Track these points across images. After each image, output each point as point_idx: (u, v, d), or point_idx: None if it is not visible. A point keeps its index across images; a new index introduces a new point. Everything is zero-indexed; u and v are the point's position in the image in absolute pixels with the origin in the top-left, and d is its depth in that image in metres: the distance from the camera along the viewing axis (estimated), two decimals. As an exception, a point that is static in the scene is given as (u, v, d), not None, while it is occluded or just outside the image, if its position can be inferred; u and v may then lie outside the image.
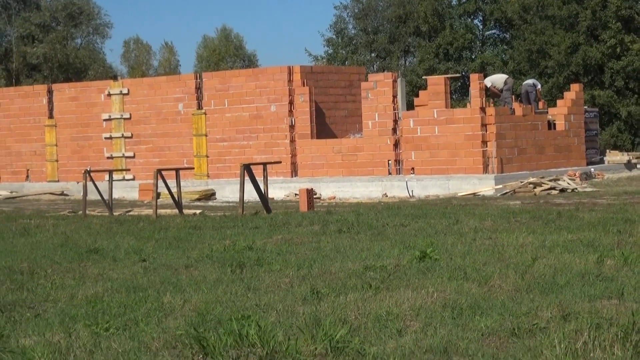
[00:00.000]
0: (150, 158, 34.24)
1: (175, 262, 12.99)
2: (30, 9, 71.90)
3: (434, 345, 7.27)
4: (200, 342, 7.38)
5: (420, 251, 12.27)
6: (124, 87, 36.01)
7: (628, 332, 7.14)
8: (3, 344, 7.92)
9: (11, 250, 15.52)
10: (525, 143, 29.88)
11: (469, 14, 60.96)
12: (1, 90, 41.63)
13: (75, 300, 10.05)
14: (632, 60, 54.68)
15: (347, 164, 30.67)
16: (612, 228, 14.86)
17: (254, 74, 34.38)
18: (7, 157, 38.83)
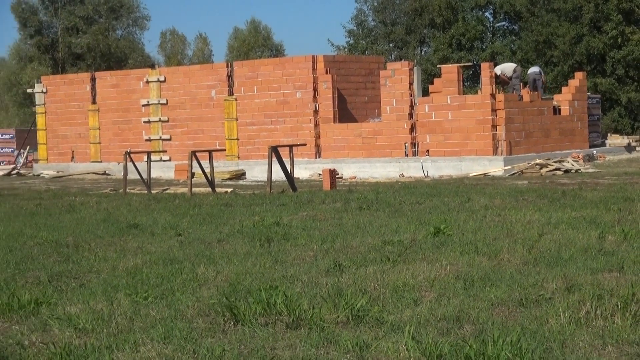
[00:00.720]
0: (185, 140, 34.30)
1: (208, 237, 13.02)
2: (75, 3, 72.01)
3: (447, 314, 7.27)
4: (232, 310, 7.40)
5: (434, 227, 12.26)
6: (161, 75, 36.07)
7: (627, 302, 7.12)
8: (51, 311, 7.96)
9: (58, 225, 15.58)
10: (532, 127, 29.80)
11: (480, 7, 60.65)
12: (48, 78, 41.68)
13: (117, 272, 10.09)
14: (632, 50, 54.51)
15: (367, 146, 30.65)
16: (612, 206, 14.81)
17: (280, 62, 34.33)
18: (54, 139, 38.99)
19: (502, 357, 5.88)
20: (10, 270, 10.51)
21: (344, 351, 6.32)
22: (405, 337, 6.45)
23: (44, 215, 17.86)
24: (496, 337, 6.25)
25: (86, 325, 7.32)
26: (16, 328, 7.46)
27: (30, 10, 72.79)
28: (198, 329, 7.13)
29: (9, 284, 9.31)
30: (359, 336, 6.65)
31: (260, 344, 6.57)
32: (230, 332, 6.99)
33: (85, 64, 68.44)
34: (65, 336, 7.03)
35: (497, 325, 6.82)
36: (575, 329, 6.67)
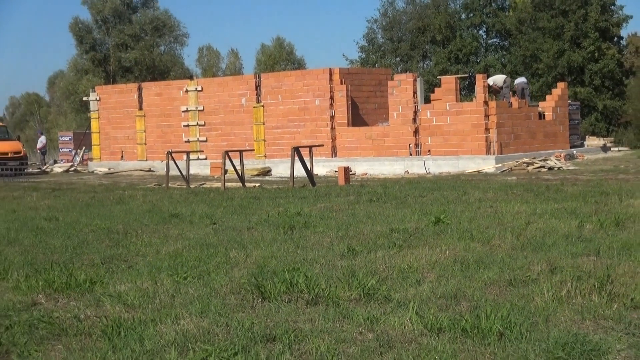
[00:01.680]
0: (219, 142, 34.37)
1: (239, 225, 13.04)
2: (124, 22, 72.20)
3: (446, 292, 7.27)
4: (259, 288, 7.42)
5: (435, 217, 12.25)
6: (198, 85, 36.17)
7: (603, 283, 7.11)
8: (103, 289, 8.00)
9: (109, 215, 15.65)
10: (520, 130, 29.78)
11: (475, 26, 60.58)
12: (101, 87, 41.83)
13: (160, 255, 10.13)
14: (607, 63, 54.63)
15: (376, 147, 30.68)
16: (590, 199, 14.77)
17: (302, 74, 34.35)
18: (106, 140, 39.16)
19: (494, 330, 5.88)
20: (69, 253, 10.57)
21: (357, 324, 6.33)
22: (410, 312, 6.46)
23: (97, 206, 17.94)
24: (489, 312, 6.25)
25: (134, 302, 7.36)
26: (74, 304, 7.50)
27: (86, 29, 73.04)
28: (230, 304, 7.15)
29: (68, 265, 9.36)
30: (369, 311, 6.66)
31: (284, 318, 6.59)
32: (258, 308, 7.01)
33: (133, 76, 68.61)
34: (116, 311, 7.07)
35: (489, 302, 6.82)
36: (558, 306, 6.66)
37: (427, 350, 5.62)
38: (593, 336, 5.81)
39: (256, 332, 6.15)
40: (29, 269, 9.18)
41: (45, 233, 12.88)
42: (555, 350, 5.48)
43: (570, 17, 54.80)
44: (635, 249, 8.96)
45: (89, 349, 6.01)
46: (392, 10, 63.11)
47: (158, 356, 5.72)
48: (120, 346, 6.00)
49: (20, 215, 16.16)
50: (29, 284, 8.27)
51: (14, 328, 6.62)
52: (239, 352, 5.67)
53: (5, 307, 7.37)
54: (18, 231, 13.22)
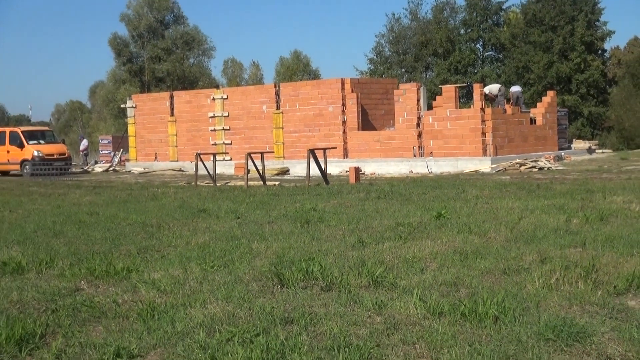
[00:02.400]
0: (242, 144, 34.42)
1: (260, 219, 13.06)
2: (157, 37, 72.42)
3: (446, 280, 7.26)
4: (279, 276, 7.43)
5: (436, 212, 12.23)
6: (224, 94, 36.23)
7: (589, 271, 7.10)
8: (139, 277, 8.03)
9: (144, 210, 15.70)
10: (513, 134, 29.70)
11: (473, 40, 60.42)
12: (137, 96, 41.97)
13: (190, 246, 10.15)
14: (592, 74, 54.67)
15: (383, 149, 30.67)
16: (577, 196, 14.71)
17: (316, 84, 34.34)
18: (141, 143, 39.29)
19: (490, 314, 5.88)
20: (108, 244, 10.61)
21: (366, 309, 6.33)
22: (414, 297, 6.46)
23: (133, 202, 18.00)
24: (485, 298, 6.24)
25: (166, 288, 7.39)
26: (112, 289, 7.54)
27: (123, 44, 73.32)
28: (252, 291, 7.16)
29: (107, 255, 9.40)
30: (377, 297, 6.66)
31: (301, 303, 6.60)
32: (277, 294, 7.02)
33: (165, 85, 68.79)
34: (150, 296, 7.09)
35: (485, 289, 6.81)
36: (547, 293, 6.65)
37: (430, 332, 5.63)
38: (579, 320, 5.79)
39: (276, 315, 6.16)
40: (73, 258, 9.23)
41: (87, 226, 12.94)
42: (546, 332, 5.47)
43: (558, 32, 54.76)
44: (618, 241, 8.92)
45: (126, 330, 6.04)
46: (397, 26, 63.05)
47: (188, 337, 5.74)
48: (154, 328, 6.02)
49: (65, 210, 16.23)
50: (72, 272, 8.31)
51: (60, 311, 6.66)
52: (260, 334, 5.68)
53: (51, 293, 7.41)
54: (63, 224, 13.28)
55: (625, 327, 5.62)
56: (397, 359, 5.16)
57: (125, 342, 5.65)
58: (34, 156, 39.03)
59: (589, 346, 5.27)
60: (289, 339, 5.53)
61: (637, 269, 7.19)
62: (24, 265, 8.78)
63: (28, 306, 6.92)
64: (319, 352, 5.29)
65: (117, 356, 5.40)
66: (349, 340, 5.52)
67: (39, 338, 5.85)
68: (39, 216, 15.08)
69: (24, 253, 9.66)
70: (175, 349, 5.50)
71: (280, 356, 5.22)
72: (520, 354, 5.15)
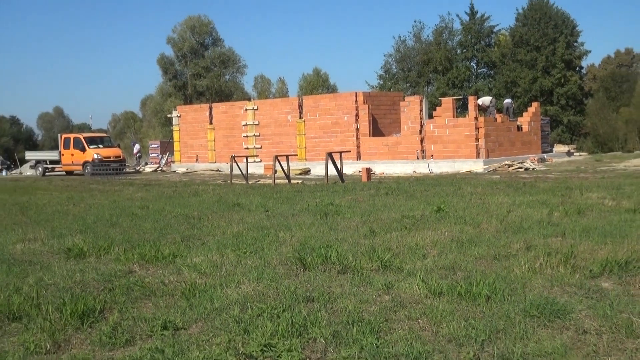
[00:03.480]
0: (270, 148, 34.49)
1: (286, 212, 13.08)
2: (198, 57, 72.54)
3: (445, 265, 7.24)
4: (302, 261, 7.44)
5: (436, 206, 12.21)
6: (254, 105, 36.30)
7: (568, 257, 7.06)
8: (182, 261, 8.06)
9: (187, 204, 15.76)
10: (502, 139, 29.59)
11: (468, 59, 60.20)
12: (181, 107, 42.11)
13: (226, 235, 10.18)
14: (571, 88, 54.66)
15: (391, 152, 30.64)
16: (558, 192, 14.64)
17: (334, 97, 34.35)
18: (185, 147, 39.45)
19: (482, 294, 5.86)
20: (156, 233, 10.67)
21: (376, 289, 6.33)
22: (417, 279, 6.44)
23: (178, 197, 18.09)
24: (478, 280, 6.22)
25: (205, 270, 7.41)
26: (160, 272, 7.57)
27: (169, 63, 73.53)
28: (279, 273, 7.18)
29: (156, 242, 9.44)
30: (386, 279, 6.65)
31: (321, 284, 6.60)
32: (300, 275, 7.03)
33: (205, 98, 68.91)
34: (192, 277, 7.12)
35: (479, 272, 6.79)
36: (532, 276, 6.62)
37: (431, 309, 5.61)
38: (560, 299, 5.77)
39: (299, 294, 6.17)
40: (127, 245, 9.28)
41: (138, 218, 13.01)
42: (531, 309, 5.45)
43: (542, 52, 54.64)
44: (593, 232, 8.86)
45: (172, 306, 6.07)
46: (403, 47, 62.90)
47: (224, 312, 5.76)
48: (195, 304, 6.04)
49: (120, 204, 16.33)
50: (126, 257, 8.36)
51: (115, 290, 6.71)
52: (286, 310, 5.69)
53: (108, 274, 7.46)
54: (118, 216, 13.36)
55: (600, 305, 5.58)
56: (403, 332, 5.15)
57: (171, 317, 5.68)
58: (94, 158, 39.31)
59: (568, 322, 5.25)
60: (311, 315, 5.54)
61: (610, 255, 7.14)
62: (85, 251, 8.85)
63: (89, 286, 6.97)
64: (336, 326, 5.29)
65: (164, 328, 5.42)
66: (361, 315, 5.52)
67: (98, 313, 5.89)
68: (98, 209, 15.19)
69: (85, 240, 9.73)
70: (214, 323, 5.52)
71: (303, 329, 5.22)
72: (509, 328, 5.13)
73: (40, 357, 4.99)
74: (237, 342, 5.01)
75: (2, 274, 7.63)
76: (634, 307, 5.50)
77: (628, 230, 8.92)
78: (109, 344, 5.18)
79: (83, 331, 5.51)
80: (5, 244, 9.86)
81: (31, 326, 5.59)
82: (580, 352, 4.73)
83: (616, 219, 10.03)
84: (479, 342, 4.87)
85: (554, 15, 55.74)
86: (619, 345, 4.81)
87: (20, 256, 8.84)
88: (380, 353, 4.70)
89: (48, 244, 9.80)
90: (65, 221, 12.89)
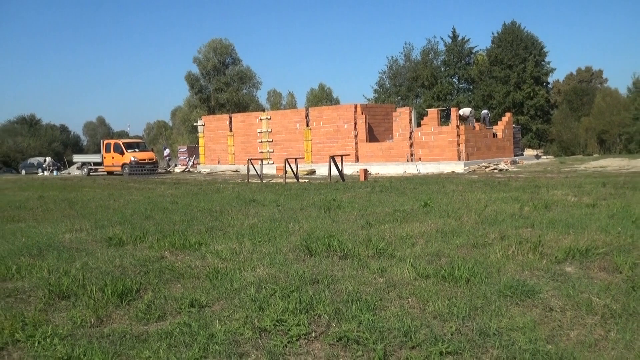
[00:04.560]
0: (281, 152, 34.49)
1: (294, 207, 13.08)
2: (220, 74, 72.57)
3: (431, 252, 7.22)
4: (308, 248, 7.43)
5: (424, 202, 12.19)
6: (268, 116, 36.30)
7: (537, 246, 7.04)
8: (207, 248, 8.06)
9: (210, 200, 15.77)
10: (480, 145, 29.54)
11: (450, 76, 60.18)
12: (206, 117, 42.14)
13: (243, 226, 10.18)
14: (539, 100, 54.81)
15: (384, 155, 30.61)
16: (527, 190, 14.60)
17: (336, 108, 34.33)
18: (208, 151, 39.48)
19: (463, 277, 5.85)
20: (184, 225, 10.67)
21: (372, 272, 6.32)
22: (407, 264, 6.44)
23: (202, 194, 18.10)
24: (459, 265, 6.21)
25: (226, 256, 7.41)
26: (188, 257, 7.58)
27: (195, 79, 73.58)
28: (289, 259, 7.17)
29: (184, 232, 9.45)
30: (380, 264, 6.64)
31: (324, 268, 6.60)
32: (307, 261, 7.03)
33: (225, 109, 68.87)
34: (215, 262, 7.12)
35: (460, 258, 6.77)
36: (506, 261, 6.60)
37: (419, 290, 5.61)
38: (529, 281, 5.75)
39: (306, 277, 6.17)
40: (159, 235, 9.28)
41: (169, 211, 13.02)
42: (504, 290, 5.44)
43: (514, 69, 54.65)
44: (558, 224, 8.83)
45: (198, 287, 6.08)
46: (395, 65, 62.90)
47: (242, 292, 5.76)
48: (217, 285, 6.05)
49: (153, 200, 16.36)
50: (159, 245, 8.37)
51: (149, 273, 6.72)
52: (295, 290, 5.69)
53: (143, 260, 7.47)
54: (152, 210, 13.37)
55: (564, 287, 5.57)
56: (395, 309, 5.15)
57: (197, 296, 5.69)
58: (131, 161, 39.39)
59: (536, 301, 5.23)
60: (316, 294, 5.54)
61: (573, 244, 7.12)
62: (124, 240, 8.86)
63: (127, 269, 6.98)
64: (338, 304, 5.29)
65: (191, 306, 5.43)
66: (359, 295, 5.52)
67: (134, 292, 5.90)
68: (134, 204, 15.21)
69: (123, 231, 9.74)
70: (233, 301, 5.52)
71: (309, 307, 5.22)
72: (485, 306, 5.12)
73: (86, 330, 5.01)
74: (253, 318, 5.01)
75: (53, 259, 7.65)
76: (593, 288, 5.49)
77: (588, 222, 8.90)
78: (144, 319, 5.19)
79: (122, 308, 5.52)
80: (56, 234, 9.89)
81: (78, 304, 5.61)
82: (547, 326, 4.73)
83: (578, 213, 10.01)
84: (460, 318, 4.87)
85: (525, 38, 55.66)
86: (581, 321, 4.81)
87: (69, 244, 8.86)
88: (375, 327, 4.70)
89: (92, 233, 9.82)
90: (107, 214, 12.92)
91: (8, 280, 6.63)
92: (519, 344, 4.39)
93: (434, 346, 4.38)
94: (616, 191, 13.57)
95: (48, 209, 14.55)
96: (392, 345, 4.45)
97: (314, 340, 4.64)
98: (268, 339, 4.66)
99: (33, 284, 6.34)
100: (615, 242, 7.27)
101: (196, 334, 4.75)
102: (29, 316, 5.28)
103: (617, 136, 52.02)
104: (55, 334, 4.86)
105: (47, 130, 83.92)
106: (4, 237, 9.66)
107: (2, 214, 13.77)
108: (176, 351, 4.47)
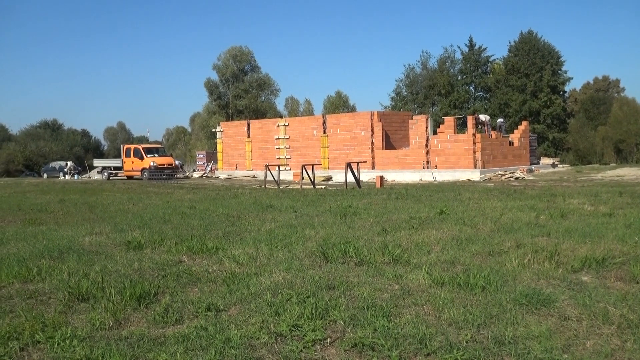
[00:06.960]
0: (298, 159, 34.55)
1: (311, 213, 13.08)
2: (239, 81, 72.95)
3: (447, 259, 7.19)
4: (324, 254, 7.42)
5: (439, 209, 12.14)
6: (285, 122, 36.41)
7: (552, 254, 6.98)
8: (224, 253, 8.07)
9: (228, 205, 15.82)
10: (496, 153, 29.40)
11: (467, 84, 59.98)
12: (224, 123, 42.38)
13: (260, 232, 10.19)
14: (555, 109, 54.54)
15: (401, 162, 30.55)
16: (544, 198, 14.49)
17: (353, 115, 34.37)
18: (226, 157, 39.65)
19: (479, 285, 5.81)
20: (202, 229, 10.70)
21: (388, 279, 6.30)
22: (423, 271, 6.40)
23: (220, 199, 18.16)
24: (475, 272, 6.17)
25: (243, 261, 7.42)
26: (205, 262, 7.59)
27: (214, 85, 74.04)
28: (305, 264, 7.17)
29: (201, 237, 9.48)
30: (396, 271, 6.62)
31: (340, 274, 6.58)
32: (323, 267, 7.02)
33: (244, 116, 69.22)
34: (232, 267, 7.13)
35: (476, 266, 6.73)
36: (522, 270, 6.55)
37: (434, 297, 5.57)
38: (545, 290, 5.70)
39: (322, 282, 6.16)
40: (177, 239, 9.32)
41: (187, 216, 13.08)
42: (520, 299, 5.39)
43: (531, 78, 54.39)
44: (574, 233, 8.75)
45: (215, 291, 6.08)
46: (412, 73, 62.82)
47: (259, 297, 5.76)
48: (234, 290, 6.05)
49: (172, 204, 16.44)
50: (177, 249, 8.40)
51: (167, 277, 6.74)
52: (311, 295, 5.68)
53: (162, 263, 7.50)
54: (170, 215, 13.44)
55: (580, 296, 5.51)
56: (410, 316, 5.12)
57: (214, 300, 5.69)
58: (150, 166, 39.64)
59: (552, 309, 5.18)
60: (332, 300, 5.52)
61: (589, 253, 7.05)
62: (142, 244, 8.91)
63: (145, 273, 7.01)
64: (354, 310, 5.27)
65: (208, 310, 5.44)
66: (375, 301, 5.50)
67: (152, 296, 5.92)
68: (153, 208, 15.30)
69: (142, 235, 9.79)
70: (250, 306, 5.52)
71: (325, 313, 5.21)
72: (501, 315, 5.07)
73: (104, 333, 5.03)
74: (269, 323, 5.01)
75: (73, 262, 7.71)
76: (609, 298, 5.42)
77: (604, 231, 8.80)
78: (161, 322, 5.21)
79: (140, 311, 5.55)
80: (76, 237, 9.97)
81: (97, 306, 5.64)
82: (563, 335, 4.67)
83: (594, 222, 9.91)
84: (476, 326, 4.83)
85: (542, 47, 55.38)
86: (597, 331, 4.74)
87: (88, 247, 8.93)
88: (391, 334, 4.68)
89: (111, 237, 9.89)
90: (126, 218, 13.00)
91: (29, 282, 6.69)
92: (534, 353, 4.34)
93: (449, 354, 4.35)
94: (633, 200, 13.42)
95: (69, 212, 14.68)
96: (407, 352, 4.42)
97: (329, 346, 4.62)
98: (284, 344, 4.65)
99: (53, 286, 6.39)
100: (632, 252, 7.19)
101: (213, 337, 4.76)
102: (49, 318, 5.32)
103: (634, 145, 51.50)
104: (75, 335, 4.89)
105: (68, 134, 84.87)
106: (25, 240, 9.76)
107: (24, 216, 13.93)
108: (193, 355, 4.47)
